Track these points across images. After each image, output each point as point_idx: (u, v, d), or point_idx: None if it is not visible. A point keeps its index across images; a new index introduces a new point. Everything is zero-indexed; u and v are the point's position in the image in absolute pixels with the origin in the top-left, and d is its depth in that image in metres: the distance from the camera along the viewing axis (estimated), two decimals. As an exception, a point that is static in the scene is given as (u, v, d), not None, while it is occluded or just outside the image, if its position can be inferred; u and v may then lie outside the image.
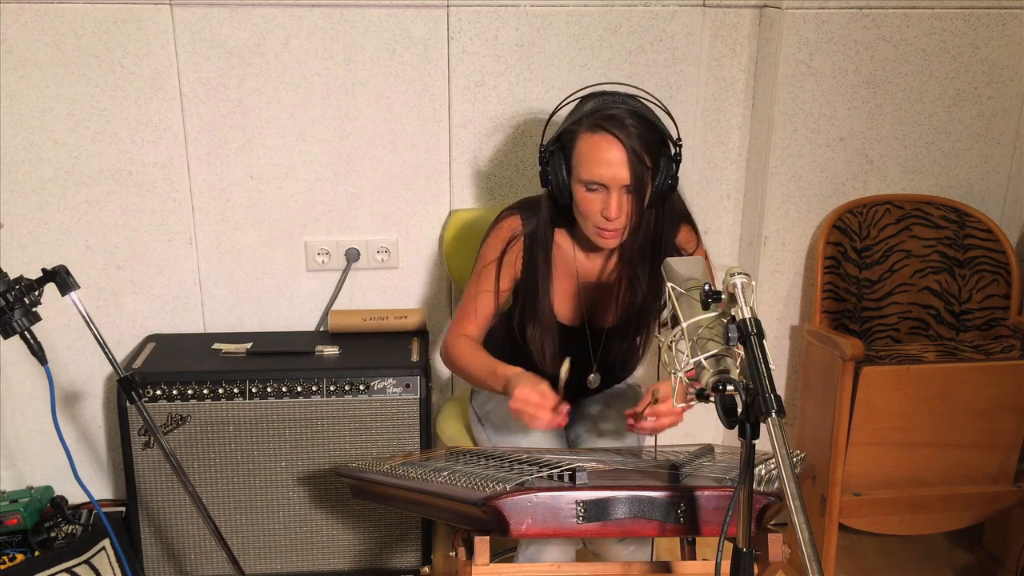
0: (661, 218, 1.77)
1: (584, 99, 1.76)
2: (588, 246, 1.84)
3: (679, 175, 1.72)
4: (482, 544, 1.38)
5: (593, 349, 1.92)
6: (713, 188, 2.43)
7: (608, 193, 1.67)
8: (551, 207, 1.79)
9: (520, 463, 1.48)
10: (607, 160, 1.65)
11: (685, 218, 1.86)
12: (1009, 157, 2.41)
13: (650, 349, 2.00)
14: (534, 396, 1.62)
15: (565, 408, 1.63)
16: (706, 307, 1.22)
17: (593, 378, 1.93)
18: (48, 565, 2.08)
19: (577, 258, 1.86)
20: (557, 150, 1.73)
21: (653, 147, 1.67)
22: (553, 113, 1.81)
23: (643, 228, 1.75)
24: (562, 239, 1.85)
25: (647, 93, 1.75)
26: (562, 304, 1.88)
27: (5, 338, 1.60)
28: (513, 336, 1.89)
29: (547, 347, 1.86)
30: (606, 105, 1.69)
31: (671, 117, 1.75)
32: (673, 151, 1.71)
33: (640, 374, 2.12)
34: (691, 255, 1.83)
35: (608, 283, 1.87)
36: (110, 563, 2.17)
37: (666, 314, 1.90)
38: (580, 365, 1.93)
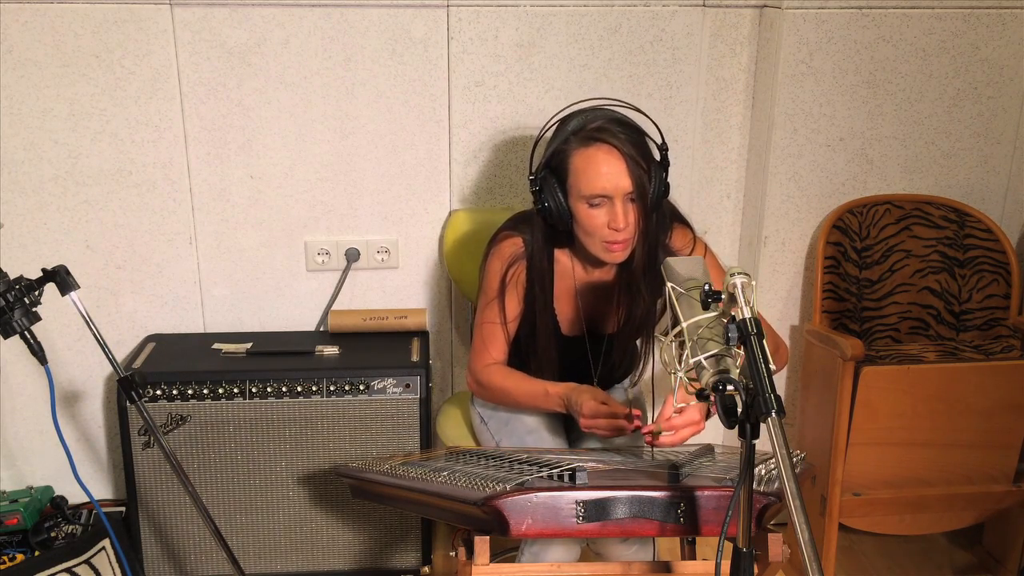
0: (655, 225, 1.77)
1: (564, 120, 1.74)
2: (588, 260, 1.83)
3: (669, 181, 1.72)
4: (482, 544, 1.38)
5: (594, 357, 1.92)
6: (713, 188, 2.43)
7: (612, 205, 1.66)
8: (545, 230, 1.78)
9: (520, 463, 1.48)
10: (606, 172, 1.64)
11: (675, 217, 1.85)
12: (1009, 157, 2.41)
13: (650, 351, 2.00)
14: (604, 410, 1.65)
15: (637, 412, 1.65)
16: (706, 307, 1.22)
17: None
18: (48, 565, 2.08)
19: (576, 272, 1.86)
20: (548, 174, 1.71)
21: (645, 152, 1.67)
22: (537, 140, 1.80)
23: (647, 237, 1.74)
24: (561, 255, 1.85)
25: (625, 103, 1.75)
26: (563, 316, 1.88)
27: (5, 338, 1.60)
28: (518, 347, 1.90)
29: (550, 359, 1.86)
30: (590, 119, 1.68)
31: (653, 122, 1.75)
32: (660, 156, 1.72)
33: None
34: (692, 253, 1.83)
35: (608, 292, 1.87)
36: (110, 563, 2.17)
37: (666, 317, 1.90)
38: (581, 373, 1.93)
